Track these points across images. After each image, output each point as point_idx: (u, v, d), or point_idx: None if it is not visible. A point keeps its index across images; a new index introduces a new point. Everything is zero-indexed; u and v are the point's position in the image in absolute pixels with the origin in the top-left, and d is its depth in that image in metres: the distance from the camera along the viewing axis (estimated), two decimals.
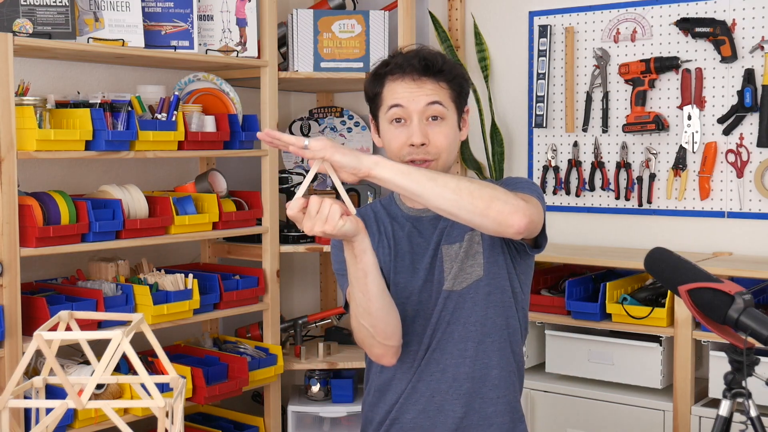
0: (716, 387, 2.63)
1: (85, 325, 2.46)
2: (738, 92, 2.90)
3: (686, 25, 2.97)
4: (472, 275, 1.83)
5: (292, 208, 1.58)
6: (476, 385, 1.84)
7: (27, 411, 2.34)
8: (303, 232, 3.19)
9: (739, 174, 2.93)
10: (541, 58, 3.26)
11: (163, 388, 2.57)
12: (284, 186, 3.12)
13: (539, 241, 1.82)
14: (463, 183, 1.62)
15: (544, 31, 3.25)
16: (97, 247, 2.53)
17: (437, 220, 1.88)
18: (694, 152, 3.00)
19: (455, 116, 1.85)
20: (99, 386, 2.47)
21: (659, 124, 3.01)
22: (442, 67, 1.81)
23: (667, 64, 3.01)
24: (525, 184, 1.82)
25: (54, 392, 2.44)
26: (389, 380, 1.89)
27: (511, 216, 1.61)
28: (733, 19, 2.92)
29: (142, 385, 1.25)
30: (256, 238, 3.05)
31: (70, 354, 2.63)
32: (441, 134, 1.81)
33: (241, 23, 2.95)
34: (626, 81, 3.10)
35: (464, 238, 1.83)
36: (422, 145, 1.79)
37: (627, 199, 3.14)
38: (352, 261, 1.68)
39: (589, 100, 3.19)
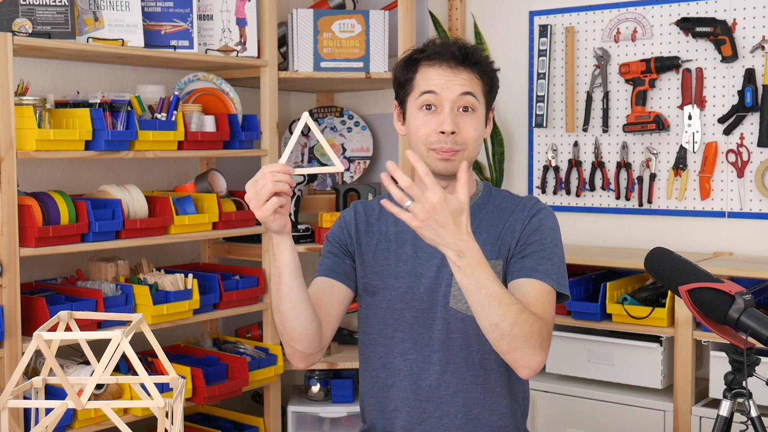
0: (717, 387, 2.63)
1: (84, 325, 2.46)
2: (738, 92, 2.90)
3: (687, 25, 2.97)
4: None
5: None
6: (485, 412, 1.84)
7: (27, 411, 2.34)
8: (302, 232, 3.18)
9: (740, 174, 2.93)
10: (541, 58, 3.26)
11: (163, 388, 2.57)
12: None
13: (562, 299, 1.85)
14: (518, 328, 1.62)
15: (544, 30, 3.25)
16: (96, 247, 2.52)
17: None
18: (694, 152, 3.00)
19: (484, 110, 1.83)
20: (99, 386, 2.46)
21: (660, 124, 3.01)
22: (479, 59, 1.80)
23: (667, 64, 3.01)
24: (557, 260, 1.83)
25: (54, 392, 2.44)
26: (389, 385, 1.87)
27: (523, 369, 1.68)
28: (734, 19, 2.92)
29: (142, 386, 1.24)
30: (256, 238, 3.05)
31: (70, 354, 2.63)
32: (471, 125, 1.79)
33: (241, 23, 2.95)
34: (626, 81, 3.10)
35: None
36: (452, 133, 1.77)
37: (627, 199, 3.13)
38: (272, 256, 1.69)
39: (589, 99, 3.19)
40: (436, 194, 1.50)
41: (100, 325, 2.51)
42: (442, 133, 1.76)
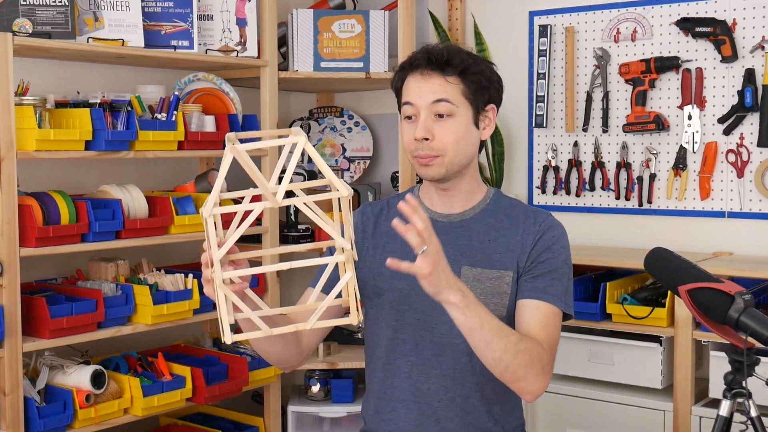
0: (716, 387, 2.63)
1: (84, 324, 2.46)
2: (738, 92, 2.90)
3: (687, 25, 2.97)
4: (494, 313, 1.77)
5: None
6: (482, 417, 1.83)
7: (27, 411, 2.34)
8: (302, 232, 3.17)
9: (740, 174, 2.93)
10: (541, 58, 3.26)
11: (163, 387, 2.58)
12: None
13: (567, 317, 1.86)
14: (519, 358, 1.64)
15: (544, 30, 3.25)
16: (96, 247, 2.53)
17: (450, 228, 1.86)
18: (694, 152, 3.00)
19: (469, 113, 1.80)
20: (98, 386, 2.47)
21: (659, 124, 3.01)
22: (448, 60, 1.77)
23: (667, 64, 3.01)
24: (566, 280, 1.82)
25: (54, 392, 2.45)
26: (388, 386, 1.87)
27: (527, 395, 1.72)
28: (734, 19, 2.92)
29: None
30: (257, 238, 3.05)
31: (70, 354, 2.63)
32: (447, 131, 1.78)
33: (241, 23, 2.95)
34: (626, 81, 3.10)
35: (493, 273, 1.82)
36: (426, 140, 1.77)
37: (627, 199, 3.14)
38: None
39: (589, 100, 3.19)
40: (436, 240, 1.53)
41: (100, 324, 2.51)
42: (417, 140, 1.78)
